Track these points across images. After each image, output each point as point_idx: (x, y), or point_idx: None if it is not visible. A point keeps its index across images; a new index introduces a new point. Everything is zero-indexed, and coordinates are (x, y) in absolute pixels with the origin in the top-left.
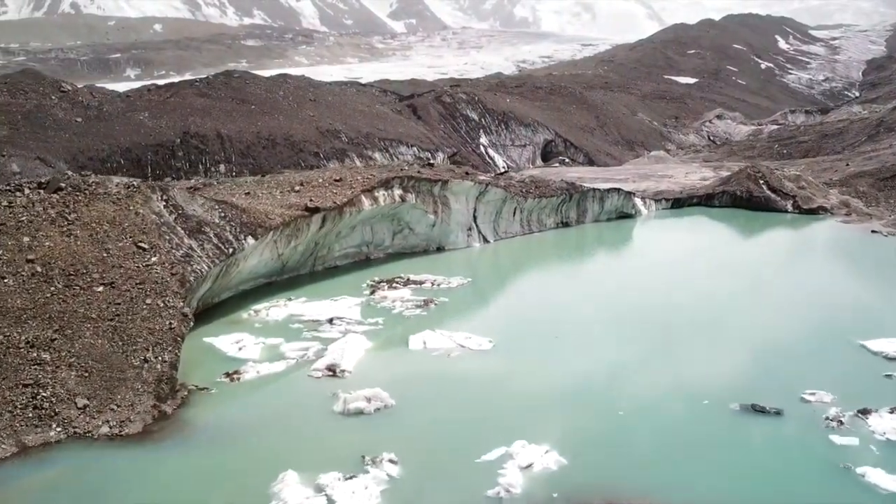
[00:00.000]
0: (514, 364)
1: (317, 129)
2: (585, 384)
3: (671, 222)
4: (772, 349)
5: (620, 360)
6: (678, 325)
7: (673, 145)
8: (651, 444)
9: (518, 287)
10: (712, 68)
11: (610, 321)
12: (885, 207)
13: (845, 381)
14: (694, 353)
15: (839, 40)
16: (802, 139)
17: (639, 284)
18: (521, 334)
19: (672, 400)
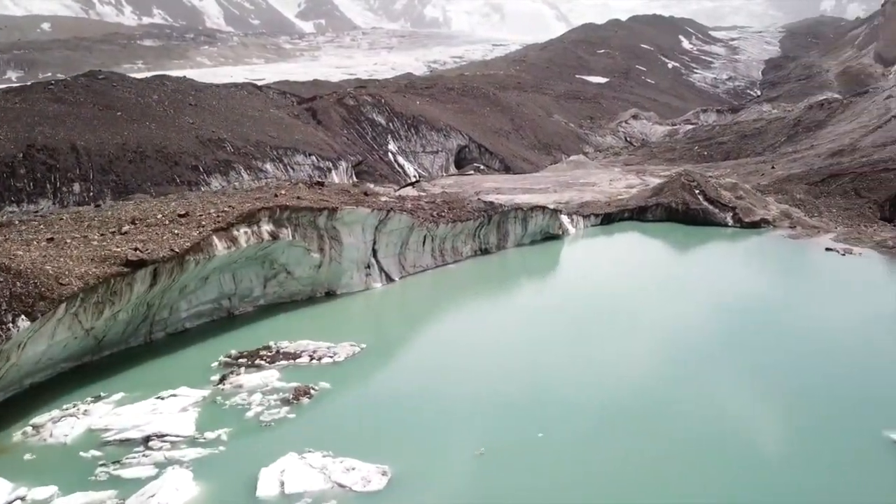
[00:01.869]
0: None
1: (197, 139)
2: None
3: (603, 243)
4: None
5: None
6: (653, 407)
7: (591, 148)
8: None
9: (429, 353)
10: (622, 68)
11: (562, 403)
12: (828, 218)
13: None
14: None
15: (737, 41)
16: (722, 140)
17: (582, 336)
18: (433, 449)
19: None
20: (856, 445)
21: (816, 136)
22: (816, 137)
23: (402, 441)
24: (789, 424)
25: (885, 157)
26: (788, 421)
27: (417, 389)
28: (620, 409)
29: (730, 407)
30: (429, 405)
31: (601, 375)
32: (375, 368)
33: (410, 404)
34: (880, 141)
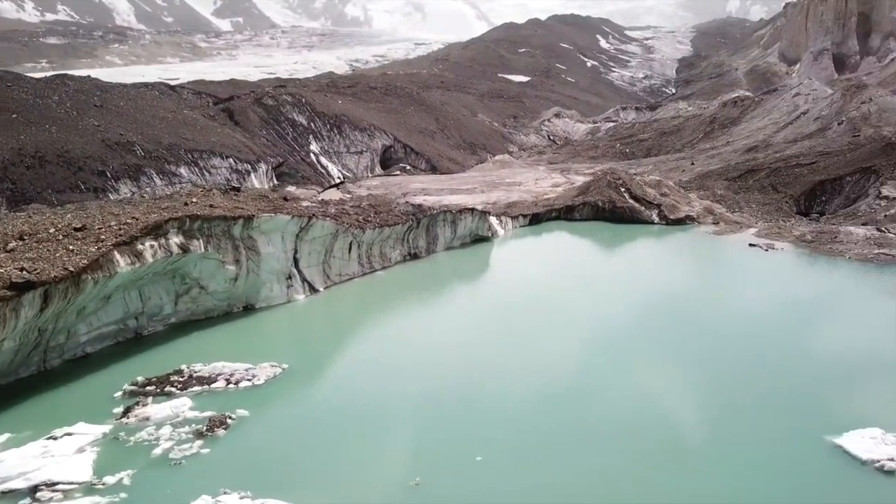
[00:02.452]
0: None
1: (103, 142)
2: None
3: (532, 244)
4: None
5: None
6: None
7: (516, 147)
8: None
9: (358, 370)
10: (543, 67)
11: (499, 413)
12: (749, 213)
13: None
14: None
15: (652, 40)
16: (642, 137)
17: (516, 341)
18: (364, 482)
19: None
20: (785, 437)
21: (732, 133)
22: (732, 134)
23: (330, 475)
24: (720, 418)
25: (797, 153)
26: (720, 415)
27: (346, 413)
28: (559, 417)
29: (666, 405)
30: (358, 431)
31: (537, 379)
32: (299, 391)
33: (339, 431)
34: (791, 137)
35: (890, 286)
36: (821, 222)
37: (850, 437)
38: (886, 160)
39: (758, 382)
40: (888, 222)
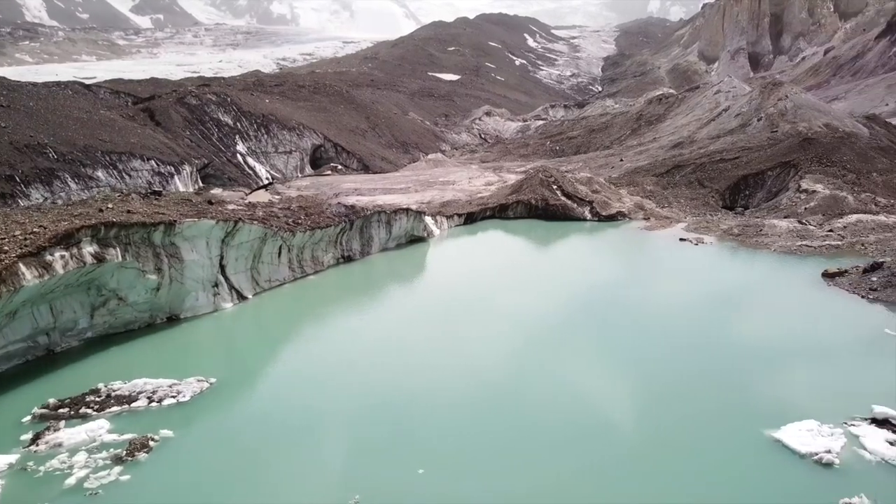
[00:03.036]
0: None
1: (10, 145)
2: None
3: (468, 243)
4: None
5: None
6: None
7: (448, 145)
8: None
9: (291, 381)
10: (473, 65)
11: (438, 419)
12: (677, 208)
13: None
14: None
15: (578, 39)
16: (572, 135)
17: (455, 341)
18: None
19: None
20: (726, 433)
21: (658, 130)
22: (658, 131)
23: (262, 498)
24: (659, 415)
25: (721, 149)
26: (658, 412)
27: (279, 428)
28: (499, 420)
29: (604, 404)
30: (293, 447)
31: (475, 382)
32: (228, 407)
33: (272, 448)
34: (714, 133)
35: (813, 277)
36: (746, 216)
37: (787, 431)
38: (804, 155)
39: (694, 377)
40: (808, 215)
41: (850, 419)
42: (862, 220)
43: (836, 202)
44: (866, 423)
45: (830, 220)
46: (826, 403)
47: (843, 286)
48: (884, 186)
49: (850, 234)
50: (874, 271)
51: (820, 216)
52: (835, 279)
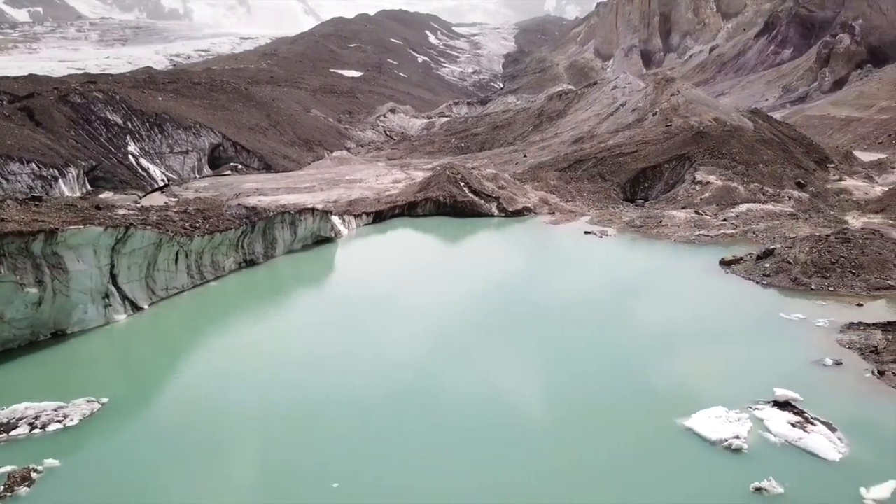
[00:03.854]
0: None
1: None
2: None
3: (377, 242)
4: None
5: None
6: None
7: (353, 143)
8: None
9: (191, 398)
10: (375, 62)
11: (349, 430)
12: (581, 202)
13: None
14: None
15: (478, 37)
16: (476, 131)
17: (364, 343)
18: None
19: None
20: (640, 424)
21: (559, 125)
22: (559, 126)
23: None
24: (574, 408)
25: (620, 143)
26: (573, 404)
27: (179, 450)
28: (415, 423)
29: (519, 399)
30: (194, 469)
31: (387, 384)
32: (122, 429)
33: (171, 472)
34: (613, 127)
35: (711, 265)
36: (646, 207)
37: (697, 419)
38: (697, 147)
39: (606, 369)
40: (704, 205)
41: (754, 403)
42: (752, 209)
43: (728, 193)
44: (769, 406)
45: (724, 210)
46: (731, 389)
47: (740, 273)
48: (769, 177)
49: (742, 223)
50: (766, 258)
51: (714, 206)
52: (731, 267)
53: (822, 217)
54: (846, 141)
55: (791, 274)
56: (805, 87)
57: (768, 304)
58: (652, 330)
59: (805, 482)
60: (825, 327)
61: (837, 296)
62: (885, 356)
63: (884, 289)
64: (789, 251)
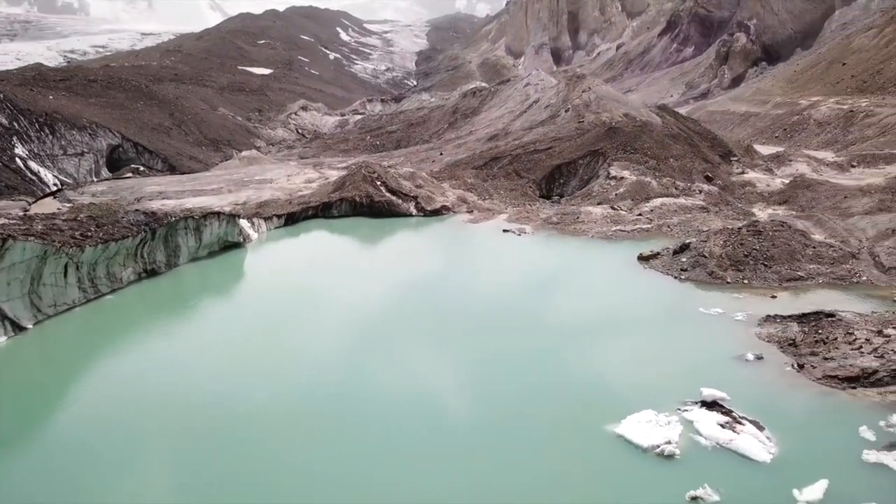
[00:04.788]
0: None
1: None
2: None
3: (290, 246)
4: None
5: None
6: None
7: (263, 142)
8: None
9: (82, 426)
10: (285, 59)
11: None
12: (498, 199)
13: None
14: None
15: (390, 34)
16: (391, 129)
17: (276, 357)
18: None
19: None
20: (569, 432)
21: (474, 123)
22: (474, 124)
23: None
24: (501, 415)
25: (534, 140)
26: (500, 411)
27: (71, 486)
28: (338, 430)
29: (445, 408)
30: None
31: (304, 395)
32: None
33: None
34: (527, 124)
35: (629, 260)
36: (562, 204)
37: (628, 424)
38: (610, 143)
39: (531, 374)
40: (619, 200)
41: (682, 404)
42: (666, 204)
43: (642, 187)
44: (698, 407)
45: (639, 205)
46: (659, 390)
47: (658, 268)
48: (679, 171)
49: (656, 217)
50: (683, 252)
51: (629, 201)
52: (649, 262)
53: (732, 210)
54: (746, 135)
55: (707, 268)
56: (706, 84)
57: (687, 300)
58: (575, 331)
59: (739, 487)
60: (744, 321)
61: (752, 288)
62: (802, 349)
63: (794, 280)
64: (704, 245)
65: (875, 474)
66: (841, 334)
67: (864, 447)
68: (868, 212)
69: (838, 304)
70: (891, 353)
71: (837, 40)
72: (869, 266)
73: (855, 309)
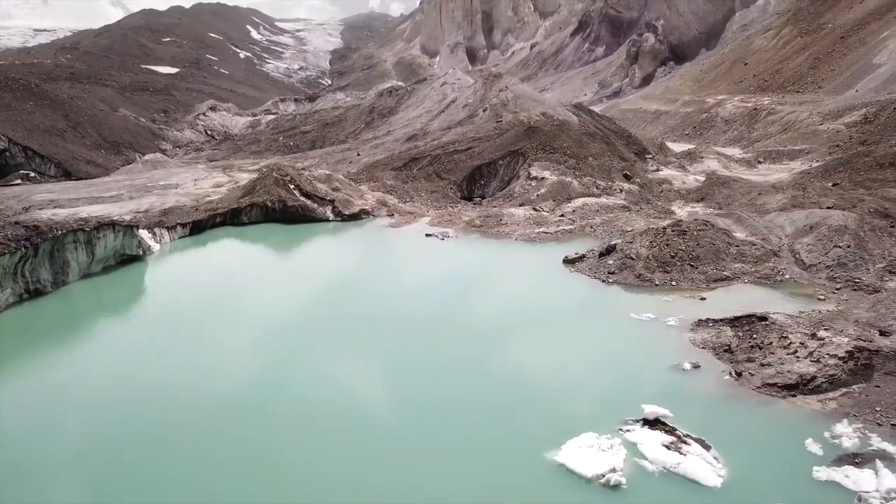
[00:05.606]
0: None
1: None
2: None
3: (196, 257)
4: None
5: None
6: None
7: (169, 144)
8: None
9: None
10: (192, 57)
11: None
12: (419, 202)
13: None
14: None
15: (303, 32)
16: (305, 129)
17: (181, 386)
18: None
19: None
20: (505, 462)
21: (391, 123)
22: (391, 123)
23: None
24: (430, 445)
25: (453, 140)
26: (428, 440)
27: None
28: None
29: (355, 442)
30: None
31: (205, 418)
32: None
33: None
34: (445, 124)
35: (555, 264)
36: (484, 205)
37: (568, 451)
38: (530, 143)
39: (458, 395)
40: (541, 201)
41: (623, 424)
42: (588, 204)
43: (563, 188)
44: (640, 427)
45: (561, 205)
46: (598, 409)
47: (584, 271)
48: (599, 170)
49: (579, 218)
50: (609, 254)
51: (551, 202)
52: (575, 265)
53: (652, 208)
54: (658, 133)
55: (635, 270)
56: (618, 83)
57: (617, 305)
58: (505, 343)
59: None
60: (676, 326)
61: (680, 290)
62: (738, 355)
63: (721, 280)
64: (630, 246)
65: (828, 492)
66: (775, 338)
67: (813, 463)
68: (783, 208)
69: (767, 305)
70: (826, 357)
71: (739, 41)
72: (791, 264)
73: (783, 309)
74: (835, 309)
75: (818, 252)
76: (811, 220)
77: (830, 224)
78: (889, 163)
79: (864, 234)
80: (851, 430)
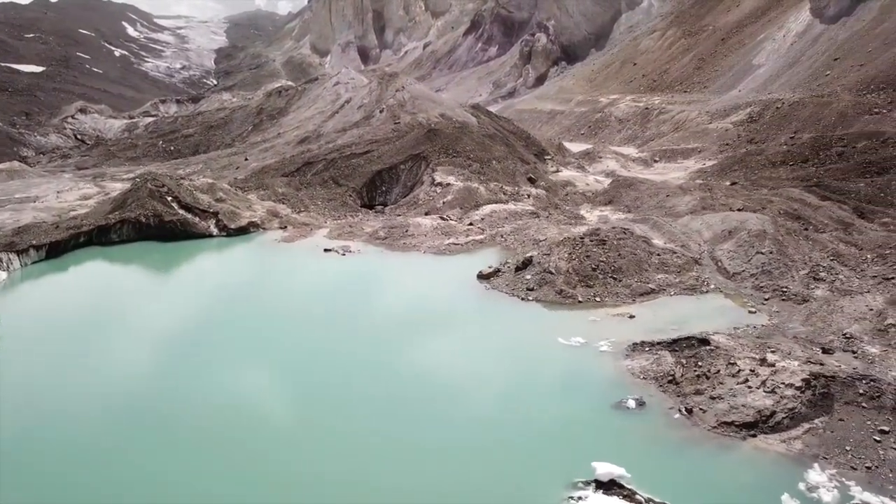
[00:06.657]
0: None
1: None
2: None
3: (51, 285)
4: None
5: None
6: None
7: (31, 150)
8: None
9: None
10: (60, 55)
11: None
12: (315, 211)
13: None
14: None
15: (185, 30)
16: (187, 132)
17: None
18: None
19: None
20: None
21: (282, 124)
22: (282, 125)
23: None
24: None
25: (349, 142)
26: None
27: None
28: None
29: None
30: None
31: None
32: None
33: None
34: (340, 126)
35: (468, 279)
36: (387, 214)
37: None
38: (431, 146)
39: (368, 459)
40: (447, 209)
41: (573, 488)
42: (496, 211)
43: (470, 194)
44: (592, 491)
45: (468, 213)
46: (541, 471)
47: (502, 288)
48: (503, 174)
49: (488, 226)
50: (526, 268)
51: (458, 210)
52: (491, 280)
53: (562, 214)
54: (554, 133)
55: (555, 286)
56: (513, 83)
57: (543, 328)
58: (423, 387)
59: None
60: (610, 352)
61: (606, 306)
62: (685, 386)
63: (646, 294)
64: (548, 259)
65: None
66: (722, 365)
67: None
68: (693, 210)
69: (698, 321)
70: (781, 387)
71: (627, 42)
72: (714, 272)
73: (715, 324)
74: (769, 323)
75: (741, 259)
76: (728, 225)
77: (749, 229)
78: (780, 161)
79: (781, 238)
80: (826, 477)
